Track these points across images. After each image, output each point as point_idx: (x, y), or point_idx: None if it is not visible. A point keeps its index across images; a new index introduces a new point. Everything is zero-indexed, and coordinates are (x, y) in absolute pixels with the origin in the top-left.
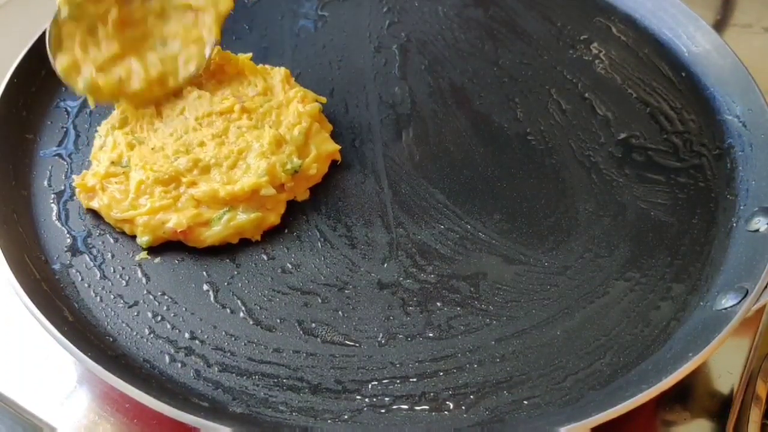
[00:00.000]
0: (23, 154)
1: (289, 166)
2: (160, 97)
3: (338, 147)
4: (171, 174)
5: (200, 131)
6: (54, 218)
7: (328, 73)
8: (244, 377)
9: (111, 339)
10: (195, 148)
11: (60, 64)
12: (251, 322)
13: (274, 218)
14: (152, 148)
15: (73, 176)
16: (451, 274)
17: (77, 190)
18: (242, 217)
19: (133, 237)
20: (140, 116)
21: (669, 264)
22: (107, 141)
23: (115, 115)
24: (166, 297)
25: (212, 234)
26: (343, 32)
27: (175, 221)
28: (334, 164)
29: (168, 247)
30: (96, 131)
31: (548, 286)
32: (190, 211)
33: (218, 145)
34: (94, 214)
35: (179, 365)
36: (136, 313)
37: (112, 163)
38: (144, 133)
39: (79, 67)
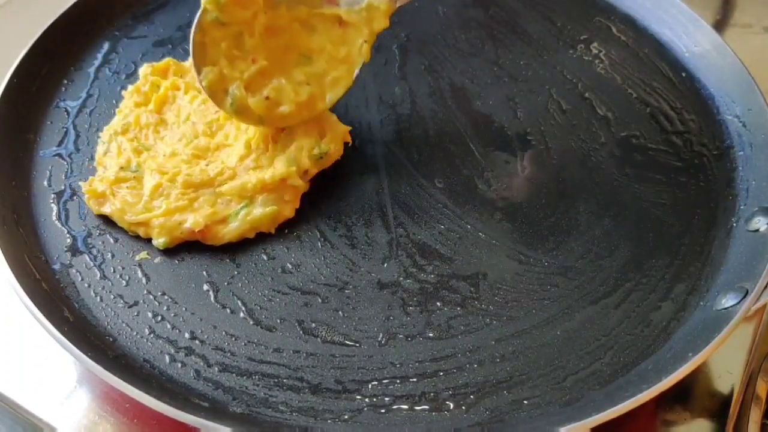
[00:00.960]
0: (23, 154)
1: (316, 151)
2: (305, 120)
3: (349, 127)
4: (203, 179)
5: (215, 136)
6: (54, 218)
7: None
8: (244, 377)
9: (111, 339)
10: (213, 152)
11: (207, 78)
12: (251, 322)
13: (289, 211)
14: (164, 155)
15: (80, 183)
16: (451, 274)
17: (86, 197)
18: (258, 211)
19: (135, 237)
20: (144, 123)
21: (669, 264)
22: (111, 147)
23: (117, 120)
24: (166, 297)
25: (230, 230)
26: None
27: (192, 221)
28: (335, 163)
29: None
30: (98, 136)
31: (548, 286)
32: (206, 210)
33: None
34: (97, 214)
35: (179, 365)
36: (136, 313)
37: (121, 168)
38: (149, 140)
39: (226, 83)
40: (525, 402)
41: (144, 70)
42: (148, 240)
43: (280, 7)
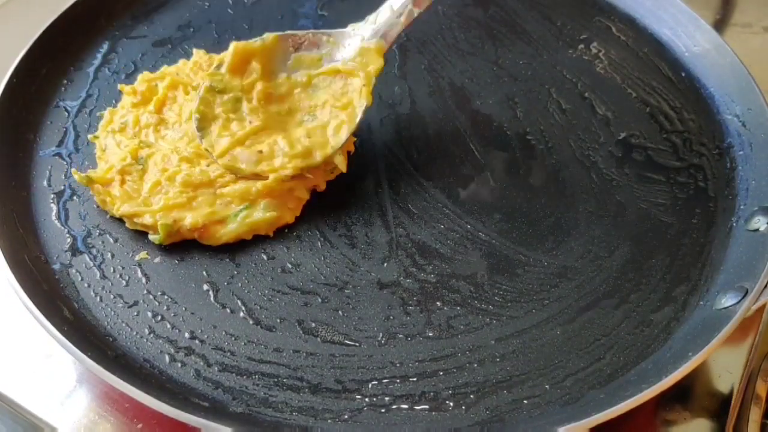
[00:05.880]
0: (23, 154)
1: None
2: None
3: (354, 138)
4: (202, 180)
5: None
6: (54, 218)
7: None
8: (244, 377)
9: (111, 339)
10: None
11: (207, 141)
12: (251, 322)
13: (289, 217)
14: (164, 154)
15: (89, 170)
16: (451, 274)
17: (96, 187)
18: (258, 215)
19: (135, 237)
20: (144, 123)
21: (669, 264)
22: (108, 143)
23: (111, 118)
24: (166, 297)
25: (227, 231)
26: None
27: (191, 219)
28: None
29: (168, 246)
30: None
31: (548, 286)
32: (204, 209)
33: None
34: (95, 213)
35: (179, 365)
36: (136, 313)
37: (125, 160)
38: (150, 138)
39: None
40: (525, 402)
41: (141, 77)
42: (148, 240)
43: (280, 77)
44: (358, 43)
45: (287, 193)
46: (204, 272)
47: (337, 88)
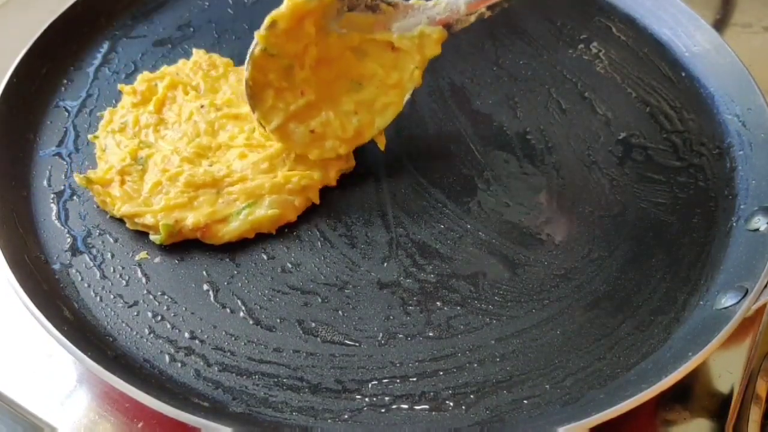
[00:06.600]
0: (23, 154)
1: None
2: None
3: None
4: (205, 180)
5: (217, 135)
6: (54, 218)
7: None
8: (244, 377)
9: (111, 339)
10: (215, 152)
11: (259, 111)
12: (251, 322)
13: (292, 215)
14: (164, 155)
15: (89, 171)
16: (451, 274)
17: (92, 186)
18: (261, 212)
19: (135, 237)
20: (144, 123)
21: (669, 264)
22: (108, 143)
23: (111, 118)
24: (166, 297)
25: (230, 230)
26: None
27: (193, 219)
28: None
29: (168, 246)
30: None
31: (548, 286)
32: (206, 209)
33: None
34: (95, 213)
35: (179, 365)
36: (136, 313)
37: (125, 160)
38: (150, 138)
39: (273, 113)
40: (525, 402)
41: (141, 77)
42: (148, 240)
43: (331, 35)
44: (418, 22)
45: (297, 191)
46: (204, 272)
47: (386, 60)
